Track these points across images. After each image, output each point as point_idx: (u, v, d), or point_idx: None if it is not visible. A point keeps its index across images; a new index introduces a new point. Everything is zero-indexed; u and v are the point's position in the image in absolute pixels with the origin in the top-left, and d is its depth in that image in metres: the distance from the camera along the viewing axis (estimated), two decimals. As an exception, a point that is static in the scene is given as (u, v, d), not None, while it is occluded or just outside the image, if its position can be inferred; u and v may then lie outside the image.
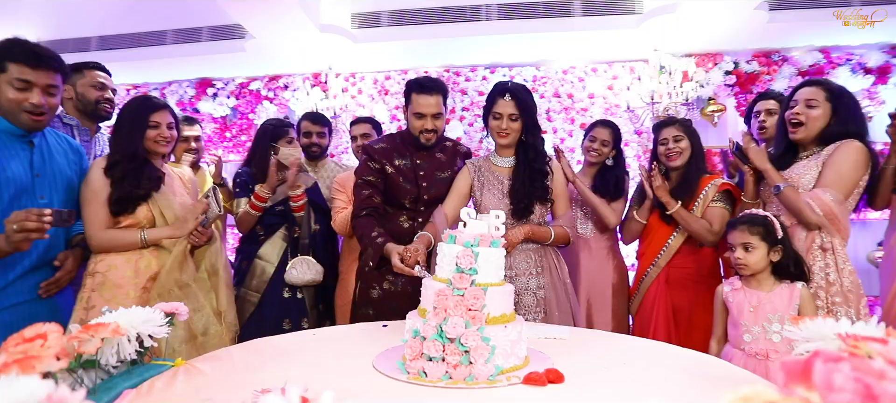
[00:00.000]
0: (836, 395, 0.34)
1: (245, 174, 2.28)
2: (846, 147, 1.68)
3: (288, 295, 2.22)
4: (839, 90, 1.77)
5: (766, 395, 0.33)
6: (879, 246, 3.54)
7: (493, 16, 3.85)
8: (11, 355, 0.62)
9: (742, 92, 4.04)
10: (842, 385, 0.35)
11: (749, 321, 1.49)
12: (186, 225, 1.64)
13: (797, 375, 0.39)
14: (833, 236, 1.64)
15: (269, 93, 4.57)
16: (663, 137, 2.10)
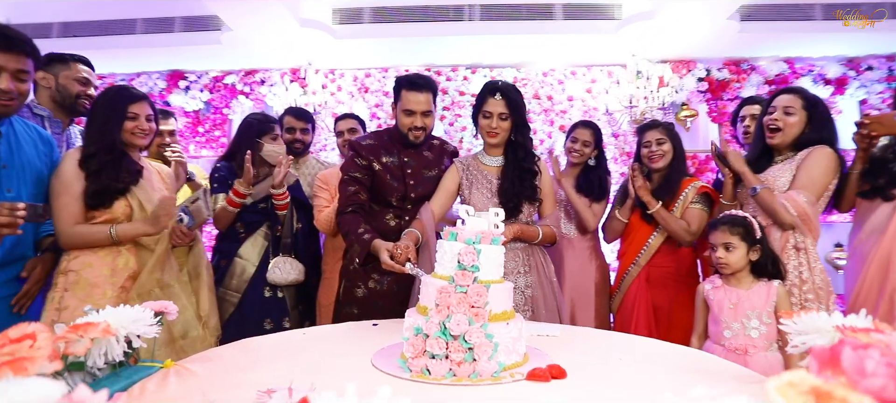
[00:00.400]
0: (869, 380, 0.36)
1: (224, 169, 2.21)
2: (818, 152, 1.77)
3: (269, 295, 2.16)
4: (815, 99, 1.86)
5: (810, 381, 0.35)
6: (837, 247, 3.75)
7: (476, 16, 3.87)
8: (6, 355, 0.58)
9: (713, 98, 4.20)
10: (874, 371, 0.37)
11: (729, 317, 1.54)
12: (159, 220, 1.56)
13: (826, 362, 0.40)
14: (806, 236, 1.72)
15: (244, 87, 4.45)
16: (646, 140, 2.15)
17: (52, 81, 1.75)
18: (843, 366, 0.40)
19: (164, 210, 1.53)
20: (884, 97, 4.16)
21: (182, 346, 1.57)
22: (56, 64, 1.75)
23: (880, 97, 4.15)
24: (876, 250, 1.63)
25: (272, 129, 2.21)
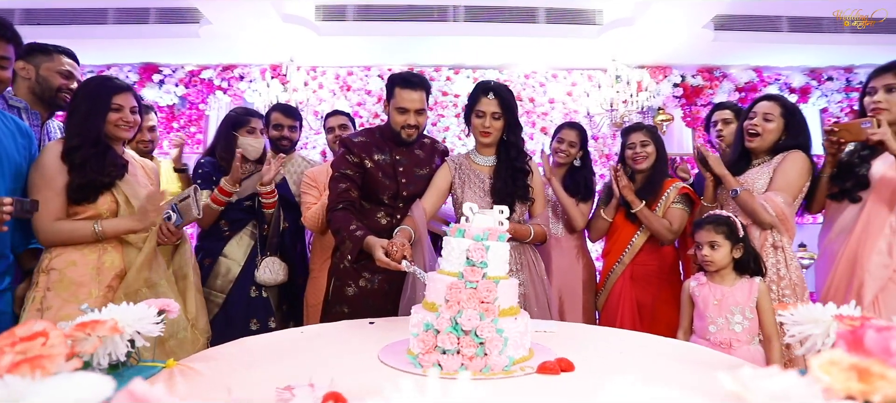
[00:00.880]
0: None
1: (208, 164, 2.16)
2: (794, 156, 1.87)
3: (254, 295, 2.13)
4: (792, 107, 1.97)
5: (848, 360, 0.37)
6: (801, 247, 3.96)
7: (460, 17, 3.89)
8: (18, 353, 0.55)
9: (687, 103, 4.36)
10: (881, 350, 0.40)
11: (714, 313, 1.61)
12: (147, 216, 1.50)
13: (851, 343, 0.43)
14: (783, 235, 1.81)
15: (222, 82, 4.33)
16: (631, 141, 2.22)
17: (32, 72, 1.67)
18: (867, 346, 0.43)
19: (153, 204, 1.48)
20: (842, 106, 4.41)
21: (171, 348, 1.52)
22: (38, 54, 1.67)
23: (839, 106, 4.40)
24: (844, 249, 1.73)
25: (248, 123, 2.17)
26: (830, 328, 0.77)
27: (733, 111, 2.40)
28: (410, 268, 1.43)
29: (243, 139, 2.13)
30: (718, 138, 2.39)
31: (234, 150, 2.10)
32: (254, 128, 2.18)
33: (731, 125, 2.34)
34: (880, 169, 1.70)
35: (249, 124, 2.17)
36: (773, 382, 0.34)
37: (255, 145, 2.16)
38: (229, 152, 2.13)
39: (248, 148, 2.13)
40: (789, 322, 0.84)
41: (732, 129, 2.38)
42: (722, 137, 2.37)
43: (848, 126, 1.74)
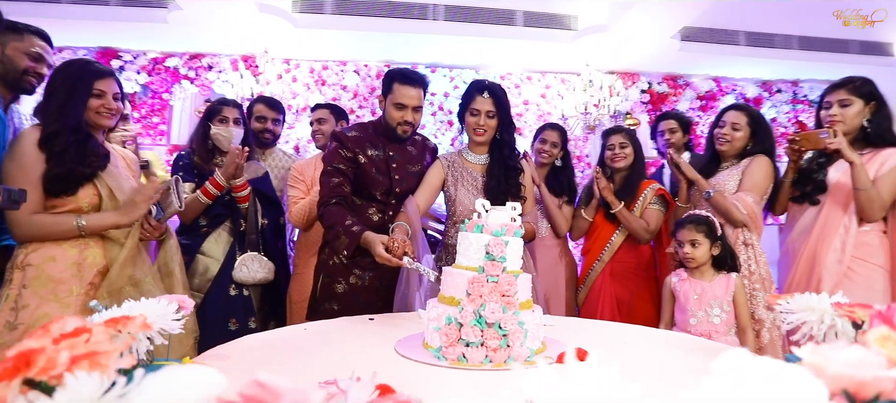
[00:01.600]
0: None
1: (186, 157, 2.07)
2: (759, 160, 2.03)
3: (234, 294, 2.05)
4: (758, 116, 2.12)
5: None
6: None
7: (440, 16, 3.91)
8: (73, 348, 0.53)
9: (653, 109, 4.58)
10: None
11: (694, 307, 1.72)
12: (136, 209, 1.43)
13: (887, 322, 0.50)
14: (752, 233, 1.96)
15: (189, 71, 4.14)
16: (610, 143, 2.32)
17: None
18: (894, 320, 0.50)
19: (143, 197, 1.41)
20: (789, 116, 4.77)
21: (157, 347, 1.45)
22: (7, 33, 1.54)
23: (787, 116, 4.76)
24: (804, 247, 1.89)
25: (220, 112, 2.09)
26: (825, 315, 0.86)
27: (678, 121, 2.63)
28: (413, 265, 1.44)
29: (215, 128, 2.05)
30: (668, 145, 2.56)
31: (207, 141, 2.04)
32: (226, 117, 2.10)
33: (677, 134, 2.59)
34: (835, 175, 1.87)
35: (222, 113, 2.10)
36: (848, 353, 0.39)
37: (226, 134, 2.08)
38: (202, 144, 2.06)
39: (219, 137, 2.06)
40: (786, 310, 0.92)
41: (679, 137, 2.60)
42: (673, 144, 2.57)
43: (808, 136, 1.90)
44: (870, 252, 1.76)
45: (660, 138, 2.62)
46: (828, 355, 0.40)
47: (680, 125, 2.58)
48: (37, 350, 0.49)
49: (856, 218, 1.77)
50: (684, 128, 2.60)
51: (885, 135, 1.83)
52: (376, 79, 4.38)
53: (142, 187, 1.41)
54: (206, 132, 2.06)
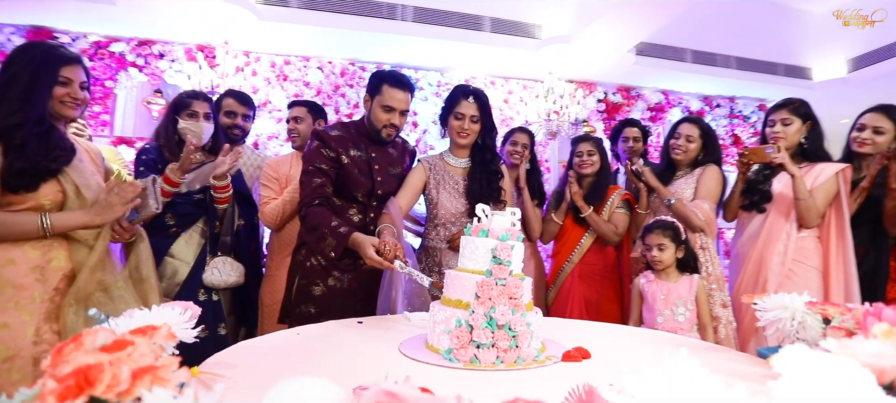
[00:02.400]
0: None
1: (153, 150, 1.95)
2: (711, 169, 2.22)
3: (203, 298, 1.96)
4: (708, 128, 2.31)
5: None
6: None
7: (409, 17, 3.91)
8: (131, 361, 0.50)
9: (608, 118, 4.83)
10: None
11: (661, 306, 1.85)
12: (111, 211, 1.33)
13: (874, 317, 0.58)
14: (708, 237, 2.14)
15: (137, 59, 3.86)
16: (579, 150, 2.45)
17: None
18: (884, 318, 0.59)
19: (120, 198, 1.31)
20: (726, 130, 5.20)
21: None
22: None
23: (725, 129, 5.18)
24: (752, 251, 2.09)
25: (189, 105, 1.99)
26: (796, 313, 0.97)
27: (640, 129, 2.82)
28: (404, 269, 1.44)
29: (184, 122, 1.95)
30: (630, 151, 2.75)
31: (175, 135, 1.94)
32: (196, 111, 1.99)
33: (640, 142, 2.79)
34: (778, 186, 2.08)
35: (191, 107, 1.99)
36: (867, 345, 0.46)
37: (195, 130, 1.98)
38: (170, 138, 1.95)
39: (188, 132, 1.96)
40: (762, 308, 1.03)
41: (640, 146, 2.79)
42: (634, 150, 2.75)
43: (755, 150, 2.09)
44: (807, 255, 1.98)
45: (622, 144, 2.77)
46: (854, 348, 0.47)
47: (642, 134, 2.75)
48: (95, 366, 0.47)
49: (796, 225, 1.98)
50: (645, 137, 2.77)
51: (819, 151, 2.06)
52: (340, 76, 4.30)
53: (120, 187, 1.32)
54: (173, 126, 1.94)
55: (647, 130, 2.81)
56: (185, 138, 1.95)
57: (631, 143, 2.76)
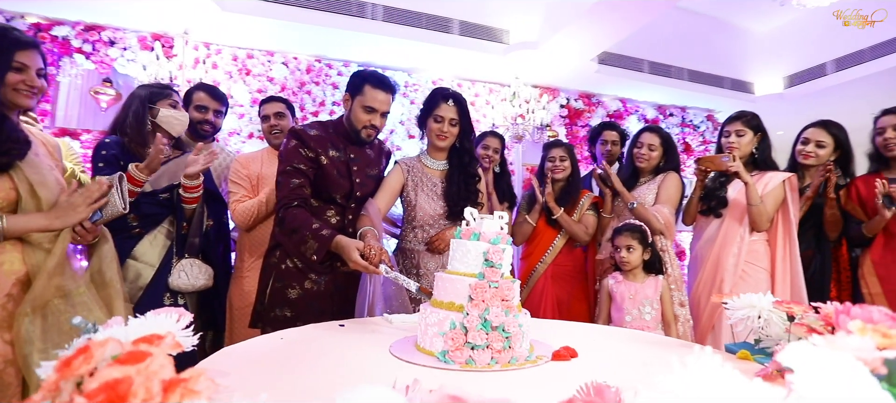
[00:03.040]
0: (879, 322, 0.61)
1: (115, 145, 1.83)
2: (671, 176, 2.36)
3: (169, 303, 1.86)
4: (668, 137, 2.45)
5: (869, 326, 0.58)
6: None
7: (378, 16, 3.87)
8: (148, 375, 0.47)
9: (570, 123, 4.99)
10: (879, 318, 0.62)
11: (629, 305, 1.94)
12: (75, 213, 1.24)
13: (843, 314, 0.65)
14: (668, 240, 2.26)
15: (84, 45, 3.59)
16: (551, 155, 2.53)
17: None
18: (853, 316, 0.65)
19: (85, 199, 1.22)
20: (678, 139, 5.50)
21: None
22: None
23: (677, 137, 5.48)
24: (710, 254, 2.23)
25: (170, 95, 1.91)
26: (763, 310, 1.06)
27: (618, 132, 2.92)
28: (390, 274, 1.43)
29: (166, 111, 1.85)
30: (608, 154, 2.86)
31: (150, 127, 1.83)
32: (177, 102, 1.91)
33: (618, 146, 2.87)
34: (732, 193, 2.24)
35: (171, 97, 1.90)
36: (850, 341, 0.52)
37: (181, 118, 1.90)
38: (142, 131, 1.84)
39: (173, 121, 1.87)
40: (734, 306, 1.11)
41: (618, 149, 2.88)
42: (612, 153, 2.85)
43: (712, 159, 2.24)
44: (757, 257, 2.14)
45: (600, 146, 2.85)
46: (840, 343, 0.52)
47: (620, 137, 2.85)
48: (123, 380, 0.44)
49: (748, 229, 2.14)
50: (622, 141, 2.88)
51: (768, 160, 2.24)
52: (306, 73, 4.20)
53: (86, 187, 1.23)
54: (145, 116, 1.83)
55: (626, 134, 2.91)
56: (168, 128, 1.84)
57: (609, 146, 2.83)
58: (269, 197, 2.05)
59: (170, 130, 1.88)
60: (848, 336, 0.56)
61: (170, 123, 1.87)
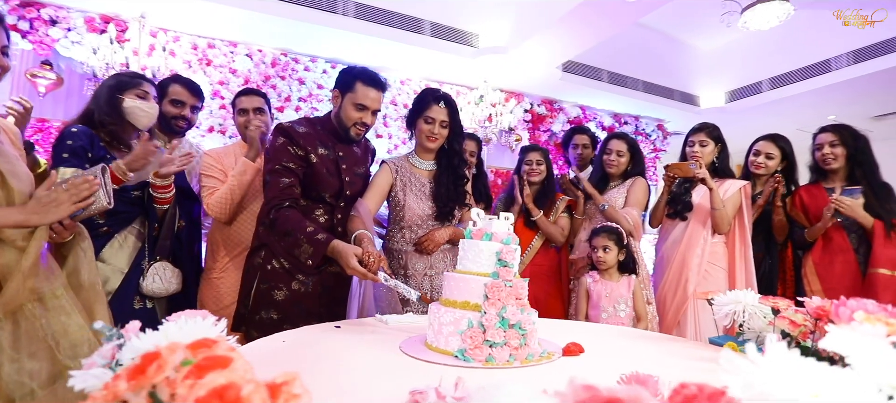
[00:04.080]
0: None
1: (82, 135, 1.68)
2: (639, 181, 2.50)
3: (138, 307, 1.75)
4: (634, 143, 2.60)
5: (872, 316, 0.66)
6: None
7: (350, 12, 3.81)
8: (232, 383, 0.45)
9: (533, 127, 5.14)
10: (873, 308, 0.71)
11: (606, 303, 2.05)
12: (57, 209, 1.14)
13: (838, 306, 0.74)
14: (636, 240, 2.40)
15: (20, 22, 3.26)
16: (528, 159, 2.60)
17: None
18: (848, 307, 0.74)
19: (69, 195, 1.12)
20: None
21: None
22: None
23: (630, 144, 5.79)
24: (675, 255, 2.39)
25: (139, 85, 1.79)
26: (748, 306, 1.16)
27: (589, 136, 3.05)
28: (389, 282, 1.41)
29: (132, 102, 1.73)
30: (580, 157, 2.98)
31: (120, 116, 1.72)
32: (146, 92, 1.79)
33: (589, 149, 2.99)
34: (697, 198, 2.41)
35: (141, 87, 1.78)
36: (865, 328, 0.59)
37: (148, 110, 1.78)
38: (114, 121, 1.72)
39: (139, 114, 1.75)
40: (720, 302, 1.21)
41: (589, 152, 3.00)
42: (583, 157, 2.98)
43: (680, 166, 2.40)
44: (717, 258, 2.32)
45: (572, 150, 2.96)
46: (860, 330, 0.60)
47: (591, 141, 2.97)
48: (231, 386, 0.42)
49: (711, 232, 2.32)
50: (593, 144, 3.00)
51: (726, 169, 2.43)
52: (271, 66, 4.05)
53: (73, 182, 1.12)
54: (115, 106, 1.70)
55: (596, 138, 3.03)
56: (134, 121, 1.72)
57: (580, 150, 2.94)
58: (240, 181, 1.95)
59: (135, 123, 1.76)
60: (861, 325, 0.63)
61: (136, 116, 1.75)
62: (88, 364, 0.66)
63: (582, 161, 2.95)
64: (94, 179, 1.17)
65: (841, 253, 2.20)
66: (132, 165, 1.65)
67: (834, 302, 0.80)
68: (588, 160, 2.98)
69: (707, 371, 1.00)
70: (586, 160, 2.98)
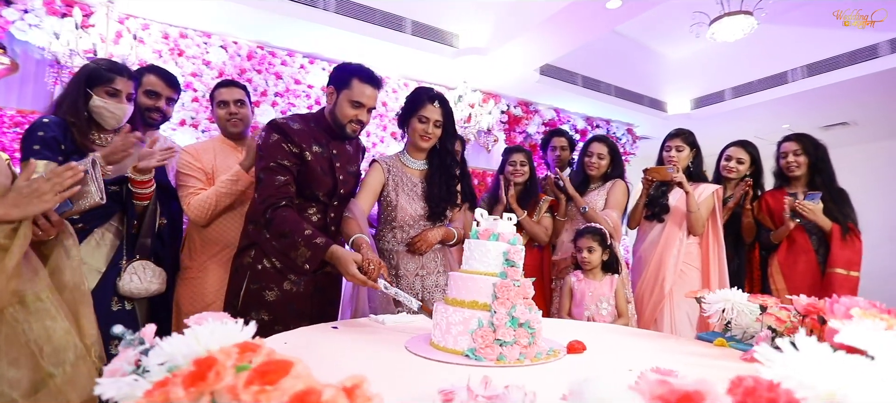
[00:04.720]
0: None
1: (54, 126, 1.59)
2: (618, 183, 2.59)
3: (116, 308, 1.67)
4: (614, 146, 2.69)
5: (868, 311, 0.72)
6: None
7: (330, 7, 3.75)
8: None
9: (509, 129, 5.22)
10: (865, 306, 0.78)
11: (589, 302, 2.11)
12: (40, 201, 1.06)
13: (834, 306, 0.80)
14: (616, 241, 2.48)
15: (-30, 3, 3.03)
16: (512, 160, 2.65)
17: None
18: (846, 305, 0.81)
19: (52, 185, 1.06)
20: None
21: (58, 385, 1.08)
22: None
23: (601, 147, 5.96)
24: (653, 255, 2.49)
25: (111, 81, 1.70)
26: (735, 304, 1.23)
27: (567, 139, 3.13)
28: (390, 290, 1.40)
29: (99, 100, 1.64)
30: (557, 159, 3.06)
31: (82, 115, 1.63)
32: (118, 90, 1.69)
33: (567, 151, 3.07)
34: (673, 201, 2.52)
35: (112, 83, 1.68)
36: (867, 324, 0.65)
37: (115, 112, 1.68)
38: (78, 115, 1.63)
39: (105, 113, 1.66)
40: (710, 300, 1.28)
41: (568, 154, 3.07)
42: (561, 158, 3.05)
43: (658, 170, 2.50)
44: (692, 258, 2.43)
45: (551, 152, 3.03)
46: (863, 325, 0.65)
47: (569, 143, 3.04)
48: (309, 392, 0.42)
49: (686, 233, 2.43)
50: (571, 147, 3.07)
51: (700, 173, 2.56)
52: (247, 59, 3.93)
53: (56, 172, 1.06)
54: (85, 100, 1.61)
55: (574, 140, 3.11)
56: (100, 120, 1.64)
57: (558, 152, 3.01)
58: (229, 188, 1.90)
59: (101, 123, 1.67)
60: (860, 321, 0.69)
61: (101, 115, 1.66)
62: (112, 370, 0.63)
63: (560, 162, 3.02)
64: (77, 167, 1.10)
65: (803, 254, 2.35)
66: (110, 158, 1.57)
67: (827, 299, 0.87)
68: (566, 162, 3.05)
69: (701, 365, 1.06)
70: (564, 162, 3.05)
